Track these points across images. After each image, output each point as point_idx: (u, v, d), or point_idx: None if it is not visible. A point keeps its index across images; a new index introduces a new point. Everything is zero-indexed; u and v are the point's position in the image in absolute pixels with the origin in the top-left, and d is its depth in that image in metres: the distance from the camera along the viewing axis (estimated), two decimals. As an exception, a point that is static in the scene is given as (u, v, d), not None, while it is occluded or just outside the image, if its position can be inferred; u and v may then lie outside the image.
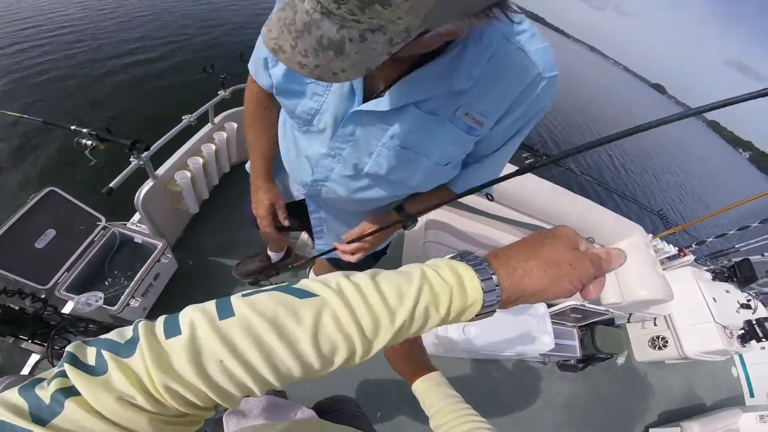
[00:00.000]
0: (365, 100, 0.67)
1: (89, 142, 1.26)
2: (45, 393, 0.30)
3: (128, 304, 1.52)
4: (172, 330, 0.34)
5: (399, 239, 2.61)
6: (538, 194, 2.31)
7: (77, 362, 0.32)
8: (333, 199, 0.93)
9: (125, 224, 1.70)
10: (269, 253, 1.99)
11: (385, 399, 1.98)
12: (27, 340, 1.36)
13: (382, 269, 0.43)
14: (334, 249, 0.98)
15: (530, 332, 2.03)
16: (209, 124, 1.99)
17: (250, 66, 0.87)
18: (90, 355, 0.33)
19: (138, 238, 1.66)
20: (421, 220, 2.40)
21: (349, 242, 0.95)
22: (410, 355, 0.79)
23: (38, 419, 0.28)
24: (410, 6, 0.34)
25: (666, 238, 3.26)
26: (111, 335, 0.35)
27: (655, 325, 3.13)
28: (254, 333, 0.34)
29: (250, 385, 0.34)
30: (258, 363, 0.34)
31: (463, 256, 0.44)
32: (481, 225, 2.49)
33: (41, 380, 0.32)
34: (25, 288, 1.42)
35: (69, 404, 0.29)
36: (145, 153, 1.38)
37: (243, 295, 0.37)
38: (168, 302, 1.79)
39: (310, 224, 1.14)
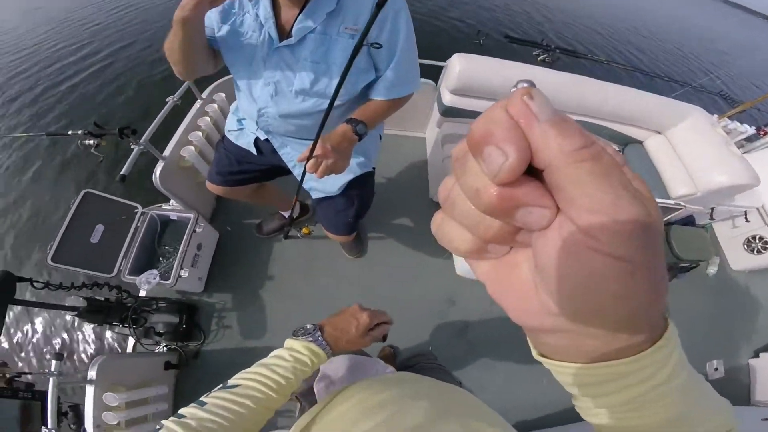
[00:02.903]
0: (280, 41, 1.01)
1: (90, 141, 1.35)
2: None
3: (180, 276, 1.70)
4: None
5: (422, 161, 2.63)
6: (562, 88, 2.05)
7: None
8: (278, 123, 1.19)
9: (161, 206, 1.85)
10: (280, 212, 2.09)
11: (437, 334, 2.01)
12: (119, 325, 1.60)
13: None
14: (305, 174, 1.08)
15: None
16: (198, 100, 2.05)
17: None
18: None
19: (173, 215, 1.80)
20: (437, 137, 2.31)
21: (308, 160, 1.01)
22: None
23: None
24: None
25: (736, 119, 2.74)
26: None
27: (748, 221, 2.58)
28: None
29: None
30: None
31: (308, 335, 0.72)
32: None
33: None
34: (98, 279, 1.65)
35: None
36: (143, 137, 1.45)
37: None
38: (222, 268, 1.98)
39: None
